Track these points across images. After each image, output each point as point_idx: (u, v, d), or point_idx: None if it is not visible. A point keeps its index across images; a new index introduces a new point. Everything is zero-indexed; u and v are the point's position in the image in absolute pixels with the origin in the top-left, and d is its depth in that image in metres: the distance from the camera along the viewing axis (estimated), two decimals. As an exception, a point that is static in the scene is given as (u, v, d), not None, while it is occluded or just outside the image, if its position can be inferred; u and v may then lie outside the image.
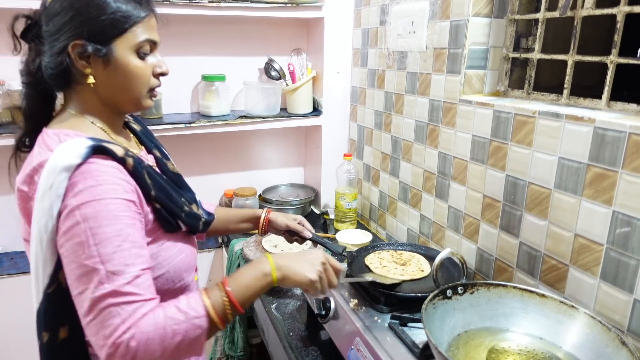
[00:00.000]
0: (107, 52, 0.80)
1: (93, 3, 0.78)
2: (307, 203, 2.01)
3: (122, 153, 0.79)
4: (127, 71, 0.83)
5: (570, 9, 1.09)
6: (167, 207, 0.86)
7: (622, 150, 0.88)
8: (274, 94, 1.90)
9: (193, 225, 0.93)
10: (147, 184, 0.82)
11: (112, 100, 0.86)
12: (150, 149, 0.99)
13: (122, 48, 0.81)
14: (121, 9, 0.79)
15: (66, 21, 0.78)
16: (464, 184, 1.31)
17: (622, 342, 0.78)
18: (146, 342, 0.70)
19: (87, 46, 0.78)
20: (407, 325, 1.01)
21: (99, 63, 0.81)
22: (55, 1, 0.79)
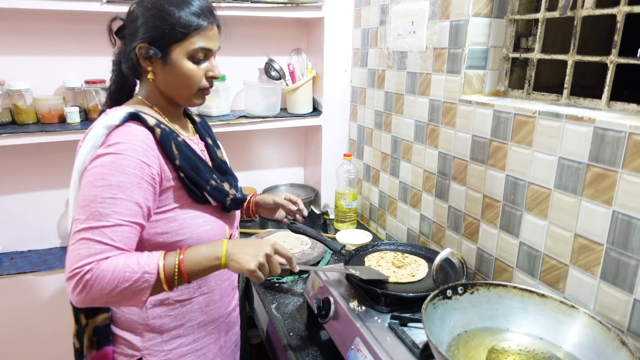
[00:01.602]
0: (164, 55, 0.95)
1: (159, 14, 0.93)
2: (307, 203, 2.01)
3: (153, 123, 0.94)
4: (180, 72, 0.97)
5: (570, 9, 1.09)
6: (190, 177, 0.97)
7: (622, 150, 0.88)
8: (274, 94, 1.90)
9: (219, 199, 1.03)
10: (173, 153, 0.95)
11: (168, 94, 1.01)
12: (203, 137, 1.13)
13: (178, 53, 0.95)
14: (181, 20, 0.93)
15: (138, 26, 0.94)
16: (464, 184, 1.31)
17: (622, 342, 0.78)
18: (100, 278, 0.81)
19: (150, 49, 0.94)
20: (407, 325, 1.01)
21: (159, 63, 0.96)
22: (135, 9, 0.96)
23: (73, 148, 1.73)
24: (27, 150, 1.72)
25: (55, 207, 1.85)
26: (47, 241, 1.87)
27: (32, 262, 1.76)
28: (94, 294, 0.82)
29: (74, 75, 1.72)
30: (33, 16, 1.64)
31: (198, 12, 0.95)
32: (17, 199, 1.79)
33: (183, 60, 0.96)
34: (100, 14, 1.58)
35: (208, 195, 1.01)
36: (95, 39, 1.72)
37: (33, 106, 1.66)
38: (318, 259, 1.51)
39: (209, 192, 1.01)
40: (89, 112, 1.73)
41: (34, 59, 1.69)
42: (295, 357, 1.13)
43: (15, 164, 1.75)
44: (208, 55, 1.00)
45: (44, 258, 1.79)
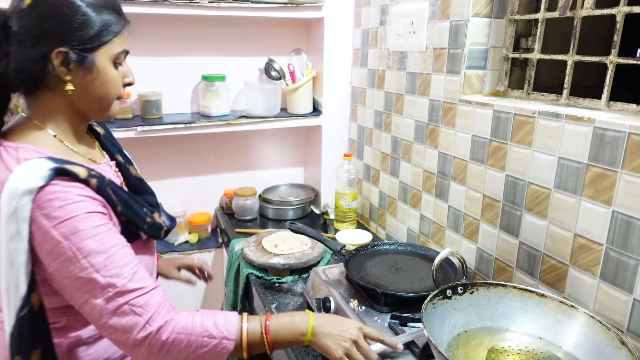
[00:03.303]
0: (89, 60, 0.81)
1: (79, 12, 0.79)
2: (307, 203, 2.01)
3: (85, 174, 0.79)
4: (104, 80, 0.85)
5: (570, 9, 1.09)
6: (131, 221, 0.88)
7: (621, 150, 0.88)
8: (274, 94, 1.90)
9: (155, 235, 0.96)
10: (113, 200, 0.84)
11: (84, 106, 0.87)
12: (113, 154, 1.00)
13: (103, 58, 0.83)
14: (105, 21, 0.82)
15: (50, 27, 0.78)
16: (464, 184, 1.31)
17: (622, 342, 0.78)
18: (178, 341, 0.76)
19: (71, 54, 0.79)
20: (407, 325, 1.01)
21: (80, 71, 0.82)
22: (35, 5, 0.78)
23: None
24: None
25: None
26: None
27: (33, 262, 1.76)
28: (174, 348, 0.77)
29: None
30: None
31: (116, 9, 0.85)
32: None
33: (107, 65, 0.84)
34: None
35: (143, 233, 0.92)
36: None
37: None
38: (318, 259, 1.51)
39: (146, 230, 0.92)
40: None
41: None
42: (295, 357, 1.13)
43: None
44: (124, 58, 0.90)
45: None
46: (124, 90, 0.91)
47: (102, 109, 0.88)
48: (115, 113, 0.91)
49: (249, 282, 1.49)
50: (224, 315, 0.82)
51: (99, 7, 0.81)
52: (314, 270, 1.26)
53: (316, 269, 1.26)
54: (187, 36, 1.85)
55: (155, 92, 1.78)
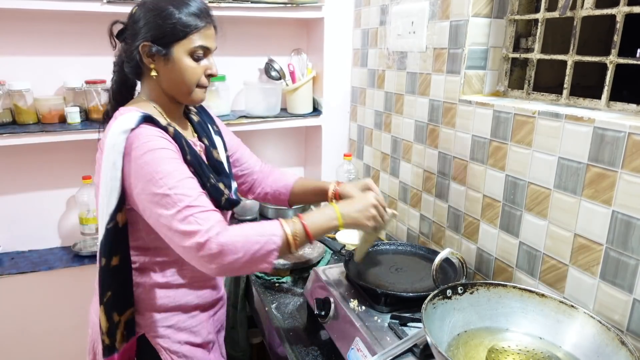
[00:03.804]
0: (167, 53, 1.00)
1: (161, 14, 0.99)
2: (307, 203, 2.01)
3: (165, 123, 1.03)
4: (181, 69, 1.02)
5: (570, 9, 1.09)
6: (197, 173, 1.04)
7: (621, 150, 0.88)
8: (274, 94, 1.90)
9: (216, 197, 1.07)
10: (185, 149, 1.03)
11: (170, 91, 1.06)
12: (201, 137, 1.17)
13: (179, 51, 1.01)
14: (182, 20, 0.99)
15: (141, 27, 1.00)
16: (464, 184, 1.31)
17: (622, 342, 0.78)
18: (233, 243, 0.90)
19: (152, 47, 0.99)
20: (407, 325, 1.01)
21: (161, 61, 1.01)
22: (137, 11, 1.02)
23: (74, 148, 1.76)
24: (28, 150, 1.73)
25: (55, 207, 1.85)
26: (48, 241, 1.87)
27: (33, 262, 1.76)
28: (230, 258, 0.90)
29: (74, 76, 1.72)
30: (33, 16, 1.64)
31: (197, 13, 1.01)
32: (18, 199, 1.79)
33: (184, 57, 1.02)
34: (101, 14, 1.58)
35: (207, 194, 1.04)
36: (96, 39, 1.72)
37: (34, 106, 1.66)
38: (318, 259, 1.51)
39: (208, 189, 1.05)
40: (89, 112, 1.73)
41: (34, 59, 1.69)
42: (295, 357, 1.13)
43: (16, 164, 1.76)
44: (206, 54, 1.05)
45: (44, 258, 1.79)
46: (205, 80, 1.06)
47: (184, 94, 1.06)
48: (199, 98, 1.08)
49: (249, 282, 1.50)
50: (267, 222, 0.98)
51: (179, 10, 0.99)
52: (314, 270, 1.26)
53: (316, 269, 1.26)
54: (187, 36, 1.85)
55: (155, 92, 1.78)
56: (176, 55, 1.01)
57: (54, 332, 1.80)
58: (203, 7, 1.03)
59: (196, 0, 1.03)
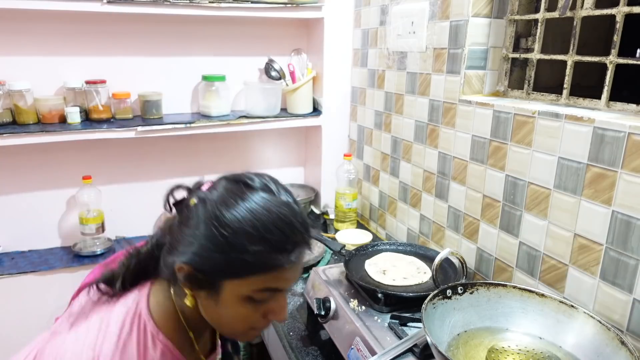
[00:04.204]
0: (213, 287, 0.69)
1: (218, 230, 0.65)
2: (307, 203, 2.01)
3: None
4: (229, 312, 0.71)
5: (570, 10, 1.09)
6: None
7: (621, 150, 0.88)
8: (274, 94, 1.90)
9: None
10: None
11: (210, 322, 0.76)
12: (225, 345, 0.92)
13: (232, 290, 0.69)
14: (248, 254, 0.65)
15: (189, 235, 0.68)
16: (464, 184, 1.31)
17: (622, 342, 0.78)
18: None
19: (195, 274, 0.68)
20: (407, 325, 1.02)
21: (202, 292, 0.71)
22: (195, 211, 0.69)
23: (74, 148, 1.76)
24: (28, 150, 1.72)
25: (55, 207, 1.85)
26: (48, 241, 1.87)
27: (33, 262, 1.76)
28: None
29: (74, 76, 1.72)
30: (33, 16, 1.64)
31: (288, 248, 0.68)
32: (18, 199, 1.79)
33: (237, 299, 0.69)
34: (101, 14, 1.58)
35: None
36: (96, 39, 1.72)
37: (34, 106, 1.66)
38: (318, 259, 1.51)
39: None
40: (89, 112, 1.73)
41: (34, 59, 1.69)
42: (295, 357, 1.13)
43: (16, 164, 1.76)
44: (272, 296, 0.72)
45: (44, 258, 1.79)
46: (263, 324, 0.75)
47: (227, 333, 0.79)
48: (246, 339, 0.84)
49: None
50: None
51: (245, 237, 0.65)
52: (314, 270, 1.26)
53: (316, 269, 1.26)
54: (187, 36, 1.85)
55: (155, 92, 1.78)
56: (225, 295, 0.69)
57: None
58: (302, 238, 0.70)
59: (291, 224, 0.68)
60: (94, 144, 1.79)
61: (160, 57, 1.82)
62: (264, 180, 0.71)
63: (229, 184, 0.70)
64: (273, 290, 0.70)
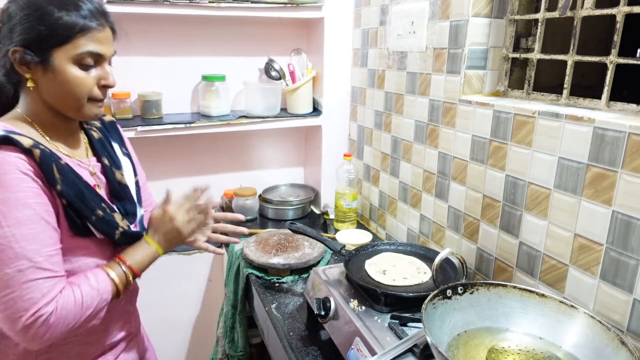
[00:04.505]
0: (43, 60, 0.83)
1: (35, 13, 0.81)
2: (307, 203, 2.01)
3: (29, 144, 0.82)
4: (65, 80, 0.85)
5: (570, 9, 1.09)
6: (73, 205, 0.87)
7: (621, 150, 0.88)
8: (274, 94, 1.90)
9: (106, 232, 0.93)
10: (54, 177, 0.84)
11: (54, 105, 0.89)
12: (100, 156, 1.01)
13: (61, 58, 0.84)
14: (62, 20, 0.82)
15: (12, 27, 0.83)
16: (464, 184, 1.31)
17: (622, 342, 0.78)
18: (65, 317, 0.81)
19: (26, 54, 0.82)
20: (407, 325, 1.01)
21: (39, 69, 0.85)
22: (10, 7, 0.84)
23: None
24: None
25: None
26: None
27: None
28: (60, 331, 0.81)
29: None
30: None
31: (85, 13, 0.84)
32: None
33: (67, 66, 0.84)
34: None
35: (92, 227, 0.91)
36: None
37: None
38: (318, 259, 1.51)
39: (94, 222, 0.90)
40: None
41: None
42: (295, 357, 1.13)
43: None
44: (100, 61, 0.88)
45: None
46: (98, 92, 0.90)
47: (72, 109, 0.90)
48: (92, 114, 0.92)
49: (249, 282, 1.50)
50: (92, 276, 0.88)
51: (57, 8, 0.82)
52: (314, 270, 1.26)
53: (316, 269, 1.26)
54: (187, 36, 1.85)
55: (155, 92, 1.78)
56: (57, 63, 0.83)
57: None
58: (95, 7, 0.86)
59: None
60: (94, 144, 1.79)
61: (160, 57, 1.82)
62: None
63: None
64: (94, 54, 0.86)
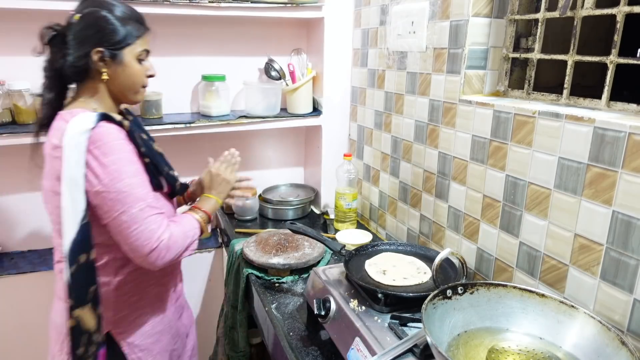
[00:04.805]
0: (119, 57, 1.11)
1: (109, 24, 1.08)
2: (307, 203, 2.01)
3: (119, 118, 1.12)
4: (130, 72, 1.14)
5: (570, 9, 1.09)
6: (154, 163, 1.15)
7: (622, 150, 0.88)
8: (274, 94, 1.90)
9: (172, 184, 1.23)
10: (139, 142, 1.12)
11: (117, 91, 1.15)
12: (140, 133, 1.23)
13: (128, 56, 1.12)
14: (128, 29, 1.10)
15: (91, 34, 1.07)
16: (464, 184, 1.31)
17: (622, 342, 0.78)
18: (176, 242, 1.09)
19: (105, 52, 1.08)
20: (407, 325, 1.01)
21: (112, 64, 1.11)
22: (80, 20, 1.08)
23: (73, 148, 1.75)
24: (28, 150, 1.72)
25: (55, 207, 1.85)
26: (48, 241, 1.87)
27: (33, 262, 1.76)
28: (173, 253, 1.08)
29: (74, 76, 1.72)
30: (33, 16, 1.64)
31: (139, 21, 1.14)
32: (17, 199, 1.79)
33: (132, 61, 1.13)
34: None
35: (164, 181, 1.19)
36: (96, 39, 1.72)
37: (33, 106, 1.66)
38: (318, 259, 1.51)
39: (165, 177, 1.20)
40: (89, 112, 1.73)
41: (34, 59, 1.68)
42: (295, 357, 1.13)
43: (15, 164, 1.76)
44: (147, 56, 1.18)
45: (44, 258, 1.80)
46: (147, 81, 1.19)
47: (132, 93, 1.18)
48: (141, 98, 1.21)
49: (249, 282, 1.49)
50: (185, 218, 1.18)
51: (124, 19, 1.10)
52: (314, 270, 1.26)
53: (316, 269, 1.26)
54: (187, 36, 1.85)
55: (155, 92, 1.78)
56: (126, 60, 1.11)
57: (53, 332, 1.80)
58: (141, 16, 1.15)
59: (135, 10, 1.14)
60: (94, 144, 1.79)
61: (160, 57, 1.82)
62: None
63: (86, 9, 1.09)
64: (146, 51, 1.16)
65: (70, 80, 1.13)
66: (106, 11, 1.07)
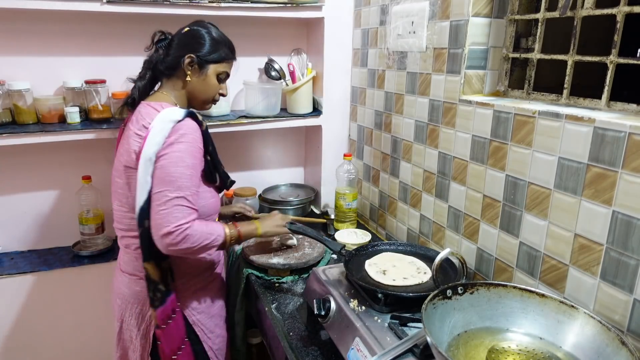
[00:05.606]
0: (204, 68, 1.31)
1: (207, 40, 1.30)
2: (307, 203, 2.01)
3: (201, 118, 1.28)
4: (208, 83, 1.33)
5: (570, 9, 1.09)
6: (214, 160, 1.34)
7: (622, 150, 0.88)
8: (274, 94, 1.90)
9: (225, 179, 1.41)
10: (208, 141, 1.30)
11: (191, 95, 1.34)
12: None
13: (212, 71, 1.32)
14: (220, 49, 1.32)
15: (188, 42, 1.30)
16: (464, 184, 1.31)
17: (622, 342, 0.78)
18: (193, 235, 1.16)
19: (195, 60, 1.29)
20: (407, 325, 1.01)
21: (197, 72, 1.31)
22: (187, 32, 1.31)
23: (73, 148, 1.76)
24: (28, 150, 1.72)
25: (55, 207, 1.85)
26: (47, 241, 1.87)
27: (33, 262, 1.76)
28: (186, 245, 1.15)
29: (74, 76, 1.72)
30: (33, 16, 1.64)
31: (232, 49, 1.36)
32: (17, 199, 1.79)
33: (213, 76, 1.33)
34: (101, 14, 1.58)
35: (218, 176, 1.36)
36: (96, 39, 1.72)
37: (33, 106, 1.66)
38: (318, 259, 1.51)
39: (220, 173, 1.37)
40: (89, 112, 1.73)
41: (34, 59, 1.69)
42: (295, 357, 1.13)
43: (16, 164, 1.76)
44: (226, 79, 1.37)
45: (44, 258, 1.79)
46: (218, 97, 1.39)
47: (202, 102, 1.37)
48: (208, 108, 1.41)
49: (249, 282, 1.49)
50: (217, 225, 1.26)
51: (218, 41, 1.32)
52: (314, 270, 1.26)
53: (316, 269, 1.26)
54: (187, 36, 1.84)
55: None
56: (209, 73, 1.32)
57: (53, 332, 1.80)
58: (233, 46, 1.37)
59: (228, 40, 1.36)
60: (94, 144, 1.79)
61: (160, 57, 1.82)
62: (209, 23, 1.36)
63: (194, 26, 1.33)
64: (227, 73, 1.37)
65: (162, 75, 1.33)
66: (206, 31, 1.31)
